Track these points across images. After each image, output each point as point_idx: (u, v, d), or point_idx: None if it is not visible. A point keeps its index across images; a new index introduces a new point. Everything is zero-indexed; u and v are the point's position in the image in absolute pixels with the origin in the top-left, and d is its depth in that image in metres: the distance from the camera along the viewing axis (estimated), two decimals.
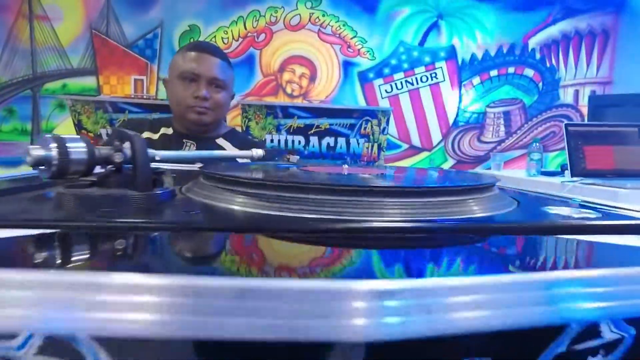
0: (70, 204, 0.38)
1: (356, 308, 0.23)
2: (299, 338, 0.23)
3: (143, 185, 0.43)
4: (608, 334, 0.41)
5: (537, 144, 2.66)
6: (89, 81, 3.12)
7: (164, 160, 0.58)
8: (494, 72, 3.42)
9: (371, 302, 0.24)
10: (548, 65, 3.49)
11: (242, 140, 1.35)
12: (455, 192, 0.43)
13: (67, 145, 0.42)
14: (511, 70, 3.45)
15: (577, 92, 3.53)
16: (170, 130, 1.28)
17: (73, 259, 0.30)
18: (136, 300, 0.24)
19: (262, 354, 0.26)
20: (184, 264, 0.30)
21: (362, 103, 3.29)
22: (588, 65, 3.54)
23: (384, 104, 3.29)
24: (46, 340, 0.28)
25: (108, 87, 3.10)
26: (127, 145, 0.46)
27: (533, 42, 3.45)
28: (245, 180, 0.42)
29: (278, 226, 0.36)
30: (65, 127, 3.04)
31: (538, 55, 3.47)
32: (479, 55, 3.40)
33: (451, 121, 3.40)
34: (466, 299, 0.26)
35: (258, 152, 0.85)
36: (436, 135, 3.38)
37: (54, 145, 0.41)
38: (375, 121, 3.27)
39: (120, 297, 0.24)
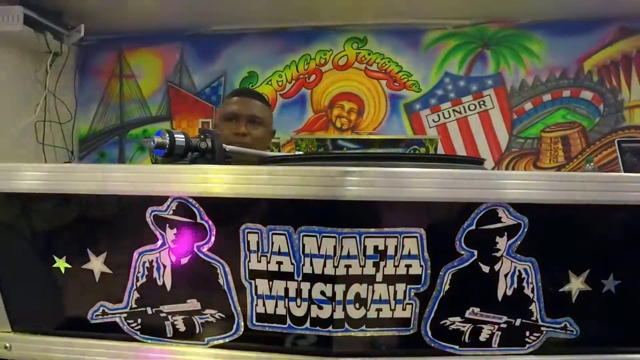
0: None
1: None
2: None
3: (219, 163, 0.73)
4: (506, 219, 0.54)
5: (591, 164, 2.57)
6: (165, 126, 3.56)
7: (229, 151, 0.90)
8: (547, 97, 3.36)
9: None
10: (608, 86, 3.36)
11: None
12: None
13: (175, 136, 0.73)
14: (566, 93, 3.37)
15: None
16: None
17: None
18: None
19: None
20: None
21: (409, 133, 3.38)
22: None
23: (432, 133, 3.35)
24: (178, 206, 0.58)
25: (179, 130, 3.52)
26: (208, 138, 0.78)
27: (589, 65, 3.36)
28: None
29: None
30: None
31: (596, 77, 3.36)
32: (530, 82, 3.37)
33: (503, 147, 3.36)
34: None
35: (298, 153, 1.11)
36: (488, 162, 3.34)
37: (167, 135, 0.73)
38: (423, 149, 3.34)
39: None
